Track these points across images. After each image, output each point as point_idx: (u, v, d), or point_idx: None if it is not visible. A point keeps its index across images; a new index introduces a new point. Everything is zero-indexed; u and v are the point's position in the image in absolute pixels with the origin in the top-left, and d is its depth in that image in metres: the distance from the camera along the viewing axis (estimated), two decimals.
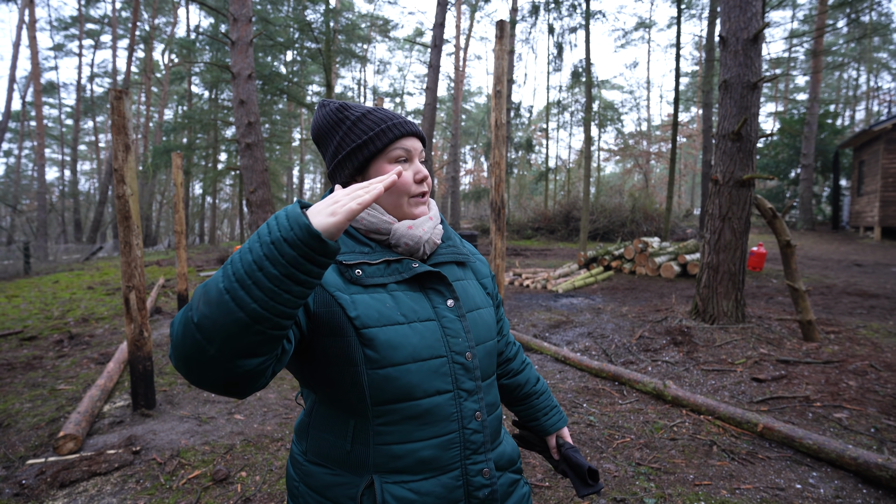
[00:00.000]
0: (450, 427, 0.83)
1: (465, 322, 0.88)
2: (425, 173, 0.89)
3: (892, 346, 4.40)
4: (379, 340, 0.79)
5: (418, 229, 0.88)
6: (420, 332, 0.83)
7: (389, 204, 0.89)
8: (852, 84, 33.35)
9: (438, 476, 0.82)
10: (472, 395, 0.86)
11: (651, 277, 9.53)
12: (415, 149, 0.88)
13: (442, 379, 0.83)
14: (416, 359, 0.81)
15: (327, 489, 0.84)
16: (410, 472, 0.81)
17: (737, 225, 4.95)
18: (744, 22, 4.81)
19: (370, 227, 0.88)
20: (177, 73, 25.50)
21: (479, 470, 0.85)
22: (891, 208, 14.25)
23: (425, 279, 0.88)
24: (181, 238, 6.82)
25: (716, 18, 16.50)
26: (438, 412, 0.82)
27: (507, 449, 0.95)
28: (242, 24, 9.26)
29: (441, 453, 0.82)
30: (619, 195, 22.60)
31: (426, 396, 0.81)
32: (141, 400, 3.55)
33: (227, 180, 29.20)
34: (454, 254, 0.96)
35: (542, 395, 1.15)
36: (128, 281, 3.50)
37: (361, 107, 0.90)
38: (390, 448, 0.81)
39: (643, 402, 3.44)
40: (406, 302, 0.84)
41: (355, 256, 0.85)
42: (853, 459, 2.39)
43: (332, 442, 0.85)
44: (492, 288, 1.06)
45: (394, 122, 0.87)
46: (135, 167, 3.60)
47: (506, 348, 1.15)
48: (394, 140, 0.86)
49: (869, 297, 6.99)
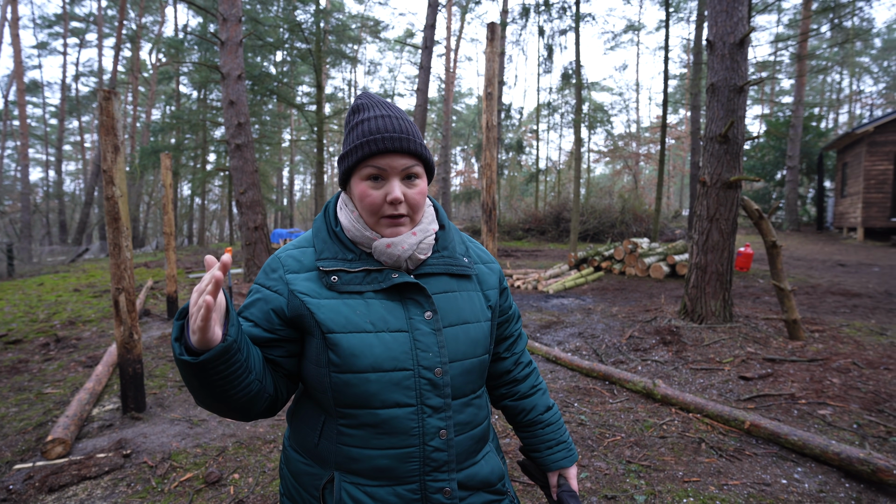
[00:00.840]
0: (409, 441, 0.82)
1: (440, 336, 0.85)
2: (396, 195, 0.82)
3: (873, 344, 4.50)
4: (341, 346, 0.80)
5: (397, 248, 0.85)
6: (386, 342, 0.82)
7: (365, 217, 0.87)
8: (836, 87, 33.98)
9: (394, 486, 0.82)
10: (439, 413, 0.83)
11: (640, 278, 9.63)
12: (393, 167, 0.83)
13: (404, 392, 0.82)
14: (376, 369, 0.80)
15: (300, 476, 0.89)
16: (366, 477, 0.83)
17: (724, 226, 5.03)
18: (730, 26, 4.89)
19: (355, 238, 0.88)
20: (164, 72, 25.23)
21: (440, 488, 0.83)
22: (873, 209, 14.55)
23: (405, 290, 0.86)
24: (170, 240, 6.76)
25: (703, 22, 16.73)
26: (396, 424, 0.81)
27: (482, 470, 0.91)
28: (232, 25, 9.21)
29: (397, 465, 0.82)
30: (608, 196, 22.80)
31: (384, 407, 0.81)
32: (131, 403, 3.51)
33: (216, 181, 28.97)
34: (447, 265, 0.91)
35: (550, 427, 1.06)
36: (117, 283, 3.46)
37: (370, 110, 0.87)
38: (350, 450, 0.83)
39: (633, 401, 3.48)
40: (379, 311, 0.83)
41: (335, 263, 0.86)
42: (836, 455, 2.45)
43: (306, 433, 0.89)
44: (497, 300, 0.99)
45: (375, 137, 0.83)
46: (124, 168, 3.57)
47: (514, 368, 1.07)
48: (366, 158, 0.83)
49: (852, 297, 7.14)
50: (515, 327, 1.08)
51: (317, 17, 16.39)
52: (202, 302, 0.64)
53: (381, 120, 0.85)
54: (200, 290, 0.66)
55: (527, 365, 1.10)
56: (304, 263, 0.88)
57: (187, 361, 0.68)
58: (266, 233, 9.68)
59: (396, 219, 0.85)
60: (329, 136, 32.78)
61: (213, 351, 0.68)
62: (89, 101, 31.01)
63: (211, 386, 0.72)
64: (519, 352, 1.09)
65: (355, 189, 0.86)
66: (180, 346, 0.70)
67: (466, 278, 0.95)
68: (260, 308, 0.86)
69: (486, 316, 0.94)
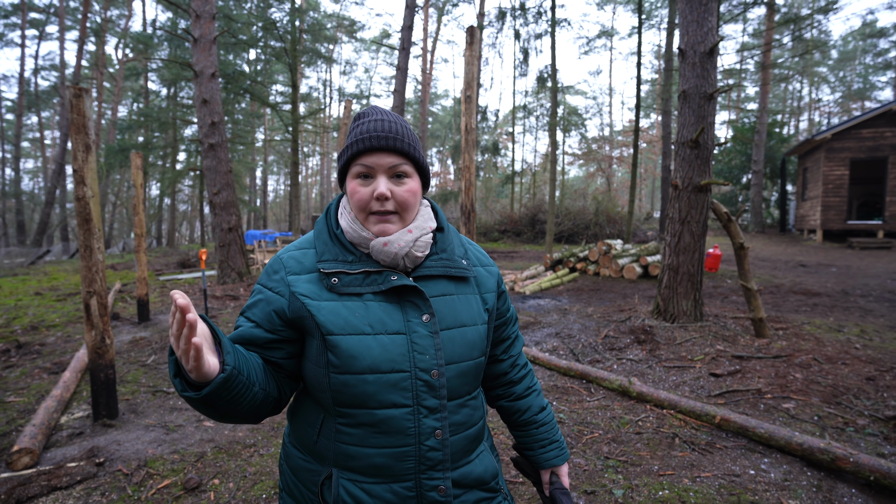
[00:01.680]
0: (405, 441, 0.84)
1: (437, 339, 0.86)
2: (381, 191, 0.85)
3: (832, 341, 4.74)
4: (340, 348, 0.82)
5: (393, 245, 0.87)
6: (384, 344, 0.83)
7: (356, 216, 0.90)
8: (797, 96, 35.53)
9: (390, 483, 0.85)
10: (434, 413, 0.85)
11: (614, 278, 9.86)
12: (379, 164, 0.86)
13: (401, 393, 0.84)
14: (374, 370, 0.82)
15: (299, 472, 0.91)
16: (363, 474, 0.85)
17: (695, 228, 5.22)
18: (701, 36, 5.08)
19: (353, 240, 0.90)
20: (132, 68, 24.41)
21: (435, 486, 0.86)
22: (831, 212, 15.27)
23: (403, 292, 0.88)
24: (141, 241, 6.56)
25: (674, 29, 17.26)
26: (393, 424, 0.83)
27: (476, 469, 0.93)
28: (205, 22, 9.01)
29: (394, 463, 0.84)
30: (582, 198, 23.23)
31: (381, 407, 0.83)
32: (102, 410, 3.41)
33: (186, 181, 28.18)
34: (446, 268, 0.93)
35: (544, 427, 1.08)
36: (88, 286, 3.36)
37: (367, 116, 0.90)
38: (347, 448, 0.85)
39: (610, 399, 3.58)
40: (377, 313, 0.85)
41: (335, 265, 0.87)
42: (799, 445, 2.59)
43: (306, 430, 0.91)
44: (494, 303, 1.00)
45: (364, 137, 0.86)
46: (95, 168, 3.47)
47: (511, 370, 1.09)
48: (355, 156, 0.87)
49: (812, 296, 7.49)
50: (512, 330, 1.10)
51: (292, 16, 16.17)
52: (186, 347, 0.66)
53: (374, 123, 0.88)
54: (177, 335, 0.66)
55: (523, 367, 1.12)
56: (305, 265, 0.90)
57: (191, 397, 0.70)
58: (240, 234, 9.50)
59: (383, 215, 0.87)
60: (303, 137, 32.33)
61: (213, 384, 0.70)
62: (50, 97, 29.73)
63: (218, 409, 0.74)
64: (515, 354, 1.11)
65: (348, 187, 0.89)
66: (181, 382, 0.71)
67: (465, 281, 0.96)
68: (262, 309, 0.88)
69: (483, 319, 0.96)
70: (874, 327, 5.47)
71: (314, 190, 49.99)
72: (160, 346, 5.33)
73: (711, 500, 2.26)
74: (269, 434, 3.11)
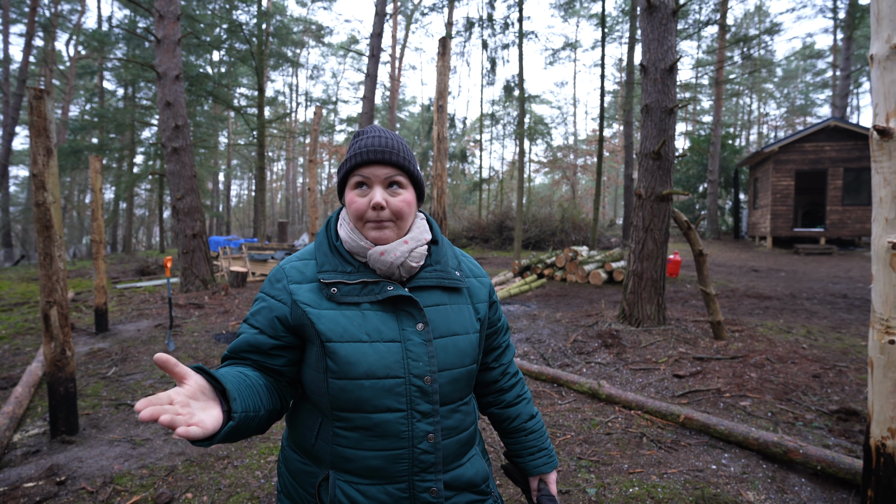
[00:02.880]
0: (399, 444, 0.88)
1: (430, 347, 0.90)
2: (377, 200, 0.90)
3: (782, 342, 5.06)
4: (339, 354, 0.86)
5: (390, 255, 0.91)
6: (380, 351, 0.87)
7: (354, 225, 0.95)
8: (747, 110, 37.61)
9: (384, 485, 0.88)
10: (427, 418, 0.89)
11: (581, 284, 10.14)
12: (376, 175, 0.91)
13: (395, 398, 0.88)
14: (370, 376, 0.86)
15: (297, 474, 0.95)
16: (359, 476, 0.89)
17: (658, 236, 5.46)
18: (661, 53, 5.36)
19: (352, 249, 0.95)
20: (86, 66, 23.35)
21: (427, 488, 0.89)
22: (779, 220, 16.23)
23: (399, 301, 0.92)
24: (99, 248, 6.28)
25: (635, 44, 17.98)
26: (388, 428, 0.88)
27: (467, 472, 0.97)
28: (169, 22, 8.76)
29: (388, 465, 0.88)
30: (548, 206, 23.73)
31: (376, 412, 0.87)
32: (62, 426, 3.25)
33: (143, 185, 27.05)
34: (440, 278, 0.97)
35: (533, 434, 1.12)
36: (48, 296, 3.21)
37: (365, 134, 0.96)
38: (344, 450, 0.89)
39: (580, 402, 3.70)
40: (374, 322, 0.89)
41: (334, 276, 0.92)
42: (755, 440, 2.77)
43: (304, 434, 0.95)
44: (486, 313, 1.04)
45: (360, 150, 0.93)
46: (56, 172, 3.33)
47: (501, 378, 1.13)
48: (353, 168, 0.93)
49: (764, 299, 7.94)
50: (504, 339, 1.14)
51: (259, 19, 15.89)
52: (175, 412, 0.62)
53: (371, 139, 0.94)
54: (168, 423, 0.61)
55: (513, 375, 1.15)
56: (307, 275, 0.94)
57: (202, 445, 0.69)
58: (205, 240, 9.23)
59: (379, 223, 0.92)
60: (268, 141, 31.65)
61: (222, 433, 0.70)
62: None
63: (228, 441, 0.76)
64: (506, 362, 1.14)
65: (346, 198, 0.95)
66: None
67: (458, 291, 1.01)
68: (265, 315, 0.92)
69: (475, 328, 1.00)
70: (819, 328, 5.86)
71: (279, 195, 48.96)
72: (121, 357, 5.12)
73: (678, 494, 2.39)
74: (243, 445, 3.05)
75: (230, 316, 7.23)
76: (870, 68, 2.09)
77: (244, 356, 0.91)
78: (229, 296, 8.68)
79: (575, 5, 25.46)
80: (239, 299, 8.40)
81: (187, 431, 0.61)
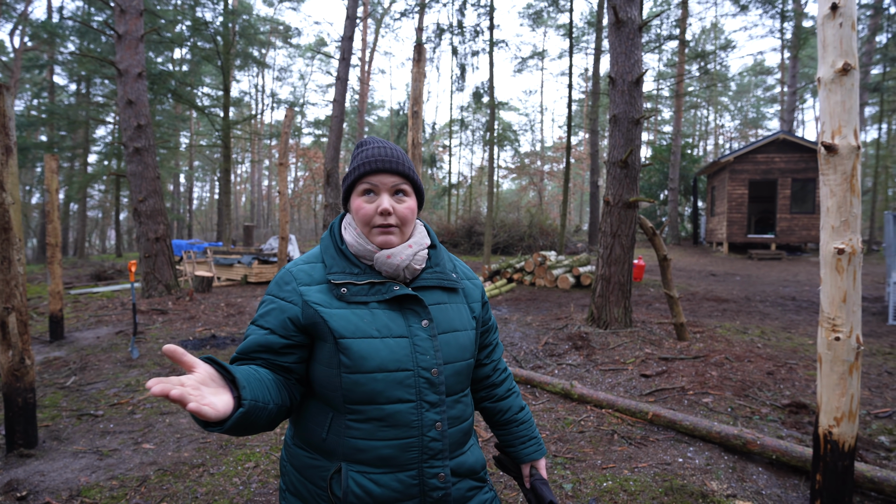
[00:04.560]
0: (410, 433, 0.93)
1: (435, 342, 0.97)
2: (385, 206, 0.96)
3: (739, 342, 5.35)
4: (352, 350, 0.91)
5: (396, 258, 0.98)
6: (391, 346, 0.93)
7: (361, 230, 1.00)
8: (704, 121, 39.42)
9: (396, 473, 0.93)
10: (435, 408, 0.95)
11: (549, 288, 10.37)
12: (383, 183, 0.98)
13: (406, 390, 0.93)
14: (382, 369, 0.92)
15: (306, 469, 0.97)
16: (371, 465, 0.93)
17: (625, 241, 5.68)
18: (628, 67, 5.60)
19: (358, 253, 1.00)
20: (33, 59, 22.11)
21: (435, 474, 0.95)
22: (734, 227, 17.08)
23: (404, 300, 0.98)
24: (55, 252, 5.99)
25: (601, 55, 18.59)
26: (400, 418, 0.93)
27: (468, 459, 1.03)
28: (132, 17, 8.46)
29: (399, 454, 0.93)
30: (516, 211, 24.11)
31: (389, 403, 0.92)
32: (19, 438, 3.10)
33: (95, 185, 25.79)
34: (440, 279, 1.05)
35: (523, 425, 1.19)
36: (6, 302, 3.07)
37: (370, 144, 1.02)
38: (357, 442, 0.93)
39: (553, 402, 3.81)
40: (383, 319, 0.95)
41: (343, 277, 0.97)
42: (718, 434, 2.94)
43: (313, 429, 0.98)
44: (480, 312, 1.12)
45: (368, 160, 0.99)
46: (16, 172, 3.19)
47: (493, 373, 1.20)
48: (362, 176, 0.99)
49: (722, 302, 8.36)
50: (494, 337, 1.21)
51: (226, 18, 15.52)
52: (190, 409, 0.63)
53: (378, 149, 1.01)
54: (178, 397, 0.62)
55: (503, 371, 1.23)
56: (315, 277, 0.98)
57: (214, 431, 0.72)
58: (168, 244, 8.92)
59: (386, 228, 0.98)
60: (232, 143, 30.79)
61: (233, 419, 0.72)
62: None
63: (238, 433, 0.77)
64: (497, 359, 1.22)
65: (353, 205, 1.00)
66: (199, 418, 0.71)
67: (455, 292, 1.09)
68: (276, 316, 0.95)
69: (472, 325, 1.08)
70: (771, 328, 6.23)
71: (243, 198, 47.70)
72: (79, 365, 4.90)
73: (648, 486, 2.51)
74: (218, 452, 2.99)
75: (196, 322, 7.01)
76: (818, 89, 2.29)
77: (254, 356, 0.93)
78: (194, 301, 8.42)
79: (543, 15, 26.08)
80: (205, 305, 8.16)
81: (199, 408, 0.63)
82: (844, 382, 2.19)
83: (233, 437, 3.20)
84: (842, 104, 2.18)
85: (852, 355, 2.19)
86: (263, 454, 2.97)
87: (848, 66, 2.15)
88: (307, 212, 41.68)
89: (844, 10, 2.16)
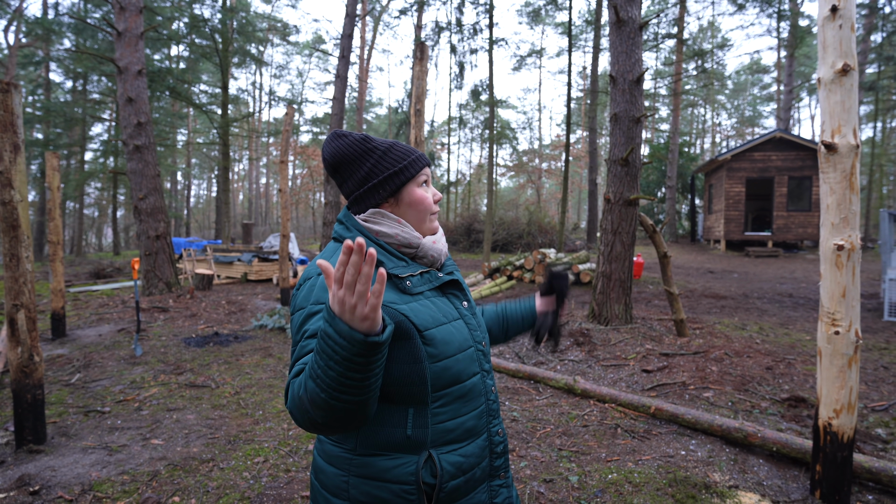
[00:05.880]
0: (481, 400, 1.03)
1: (477, 318, 1.09)
2: (440, 195, 1.09)
3: (738, 338, 5.41)
4: (437, 339, 0.95)
5: (440, 243, 1.07)
6: (458, 328, 1.02)
7: (414, 220, 1.05)
8: (701, 119, 39.53)
9: (475, 440, 1.02)
10: (488, 375, 1.07)
11: None
12: (428, 175, 1.08)
13: (474, 364, 1.03)
14: (460, 349, 0.99)
15: (387, 472, 0.94)
16: (459, 441, 0.99)
17: (625, 238, 5.73)
18: (629, 66, 5.64)
19: (403, 243, 1.02)
20: (29, 55, 22.00)
21: (497, 431, 1.06)
22: (732, 224, 17.17)
23: (446, 286, 1.06)
24: (57, 250, 6.01)
25: (599, 53, 18.62)
26: (475, 389, 1.03)
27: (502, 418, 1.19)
28: (131, 15, 8.45)
29: (477, 421, 1.03)
30: (514, 209, 24.15)
31: (468, 378, 1.01)
32: (28, 434, 3.13)
33: (92, 183, 25.69)
34: (454, 264, 1.16)
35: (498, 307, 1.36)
36: (14, 299, 3.09)
37: (383, 139, 1.07)
38: (445, 425, 0.98)
39: (557, 397, 3.86)
40: (441, 305, 1.02)
41: (403, 269, 0.99)
42: (719, 427, 2.99)
43: (390, 432, 0.95)
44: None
45: (417, 154, 1.06)
46: (24, 170, 3.21)
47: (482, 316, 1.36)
48: (421, 168, 1.05)
49: (720, 298, 8.43)
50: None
51: (224, 15, 15.47)
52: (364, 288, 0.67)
53: (408, 146, 1.07)
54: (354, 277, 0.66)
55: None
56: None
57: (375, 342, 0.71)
58: (169, 242, 8.93)
59: (435, 214, 1.09)
60: (231, 140, 30.71)
61: (387, 332, 0.74)
62: None
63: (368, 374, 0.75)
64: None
65: (411, 196, 1.03)
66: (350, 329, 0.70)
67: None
68: None
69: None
70: (769, 325, 6.30)
71: (240, 196, 47.59)
72: (83, 363, 4.92)
73: (652, 478, 2.56)
74: (227, 448, 3.03)
75: (198, 319, 7.04)
76: (817, 89, 2.33)
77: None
78: (195, 299, 8.43)
79: (541, 13, 26.08)
80: (206, 302, 8.18)
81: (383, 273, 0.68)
82: (843, 375, 2.24)
83: (240, 433, 3.24)
84: (841, 104, 2.23)
85: (851, 349, 2.24)
86: (272, 449, 3.00)
87: (847, 66, 2.20)
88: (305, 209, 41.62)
89: (844, 12, 2.20)
